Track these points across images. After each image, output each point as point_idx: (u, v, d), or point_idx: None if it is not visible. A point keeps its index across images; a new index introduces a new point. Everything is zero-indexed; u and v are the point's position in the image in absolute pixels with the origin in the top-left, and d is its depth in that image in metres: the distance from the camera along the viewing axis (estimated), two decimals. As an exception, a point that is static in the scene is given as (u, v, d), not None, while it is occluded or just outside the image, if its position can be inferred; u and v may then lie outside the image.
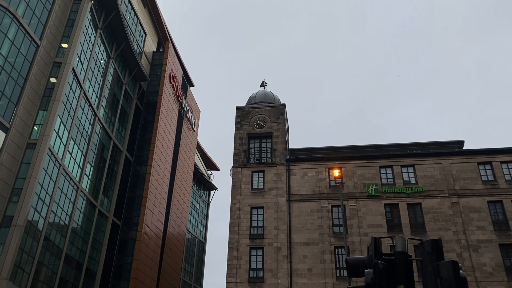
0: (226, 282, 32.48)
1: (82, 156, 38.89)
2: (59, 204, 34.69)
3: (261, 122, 39.14)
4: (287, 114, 40.90)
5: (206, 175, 75.72)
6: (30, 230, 30.45)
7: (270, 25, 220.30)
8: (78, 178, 37.83)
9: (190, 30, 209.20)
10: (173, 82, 54.63)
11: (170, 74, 53.89)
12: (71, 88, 36.36)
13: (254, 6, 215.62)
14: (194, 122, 64.09)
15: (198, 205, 71.73)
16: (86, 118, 39.65)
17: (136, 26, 50.44)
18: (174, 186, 54.02)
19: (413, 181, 34.83)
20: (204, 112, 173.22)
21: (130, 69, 49.05)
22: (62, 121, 34.85)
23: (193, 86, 66.55)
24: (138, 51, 50.30)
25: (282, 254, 32.98)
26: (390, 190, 34.41)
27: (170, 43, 55.90)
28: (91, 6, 39.66)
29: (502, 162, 34.63)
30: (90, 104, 40.17)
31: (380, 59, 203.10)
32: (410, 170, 35.33)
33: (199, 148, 73.05)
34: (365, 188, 34.80)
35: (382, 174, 35.43)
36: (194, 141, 64.74)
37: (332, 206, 34.46)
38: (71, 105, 36.52)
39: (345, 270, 31.60)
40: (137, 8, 50.63)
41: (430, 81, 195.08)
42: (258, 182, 36.34)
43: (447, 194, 33.77)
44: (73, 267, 36.84)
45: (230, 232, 34.35)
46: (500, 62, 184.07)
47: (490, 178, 34.18)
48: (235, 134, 38.85)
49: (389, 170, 35.59)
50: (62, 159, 34.88)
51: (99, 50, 42.53)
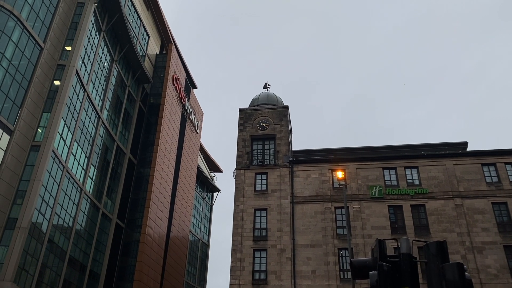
0: (230, 284, 32.45)
1: (86, 158, 38.98)
2: (63, 206, 34.77)
3: (264, 124, 39.14)
4: (290, 116, 40.90)
5: (209, 177, 75.74)
6: (34, 232, 30.53)
7: (274, 27, 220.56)
8: (81, 180, 37.91)
9: (193, 32, 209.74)
10: (176, 84, 54.73)
11: (173, 76, 54.00)
12: (75, 90, 36.48)
13: (257, 7, 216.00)
14: (197, 124, 64.16)
15: (201, 207, 71.74)
16: (90, 120, 39.77)
17: (139, 28, 50.59)
18: (177, 188, 54.07)
19: (416, 182, 34.74)
20: (207, 114, 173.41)
21: (133, 71, 49.19)
22: (66, 123, 34.96)
23: (196, 88, 66.65)
24: (141, 54, 50.44)
25: (286, 256, 32.92)
26: (393, 192, 34.32)
27: (173, 46, 56.04)
28: (95, 9, 39.81)
29: (506, 163, 34.49)
30: (94, 106, 40.28)
31: (383, 61, 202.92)
32: (414, 171, 35.24)
33: (202, 150, 73.11)
34: (368, 189, 34.72)
35: (385, 176, 35.36)
36: (197, 143, 64.80)
37: (335, 208, 34.39)
38: (75, 107, 36.64)
39: (348, 272, 31.52)
40: (140, 10, 50.79)
41: (433, 82, 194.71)
42: (261, 184, 36.32)
43: (451, 196, 33.64)
44: (76, 269, 36.90)
45: (234, 234, 34.33)
46: (503, 63, 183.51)
47: (494, 179, 34.04)
48: (238, 136, 38.87)
49: (392, 172, 35.51)
50: (66, 161, 34.97)
51: (103, 52, 42.67)
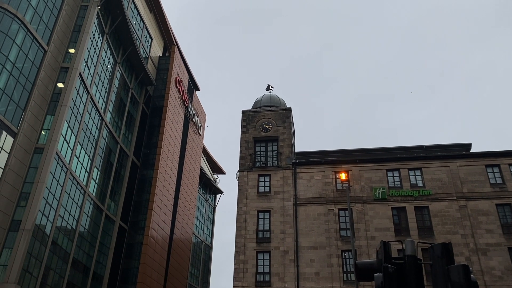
0: (233, 286, 32.40)
1: (89, 160, 39.08)
2: (67, 208, 34.86)
3: (267, 125, 39.13)
4: (293, 118, 40.87)
5: (212, 179, 75.79)
6: (38, 234, 30.61)
7: (276, 28, 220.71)
8: (85, 183, 38.00)
9: (195, 34, 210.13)
10: (179, 87, 54.83)
11: (176, 78, 54.11)
12: (78, 93, 36.61)
13: (259, 9, 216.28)
14: (200, 126, 64.25)
15: (204, 209, 71.77)
16: (93, 122, 39.88)
17: (142, 31, 50.75)
18: (180, 190, 54.12)
19: (420, 184, 34.62)
20: (210, 116, 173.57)
21: (136, 73, 49.32)
22: (69, 125, 35.07)
23: (198, 90, 66.79)
24: (144, 56, 50.58)
25: (289, 258, 32.86)
26: (397, 193, 34.21)
27: (176, 48, 56.19)
28: (98, 12, 39.96)
29: (510, 164, 34.30)
30: (97, 108, 40.40)
31: (387, 62, 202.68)
32: (417, 173, 35.11)
33: (205, 152, 73.19)
34: (372, 191, 34.63)
35: (389, 177, 35.25)
36: (200, 145, 64.87)
37: (339, 209, 34.31)
38: (78, 110, 36.76)
39: (352, 274, 31.42)
40: (143, 13, 50.95)
41: (437, 83, 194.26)
42: (264, 186, 36.28)
43: (455, 197, 33.50)
44: (80, 271, 36.96)
45: (237, 236, 34.30)
46: (508, 64, 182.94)
47: (499, 180, 33.87)
48: (241, 138, 38.86)
49: (396, 173, 35.40)
50: (69, 164, 35.07)
51: (106, 55, 42.81)
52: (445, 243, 6.87)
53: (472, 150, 39.05)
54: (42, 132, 33.12)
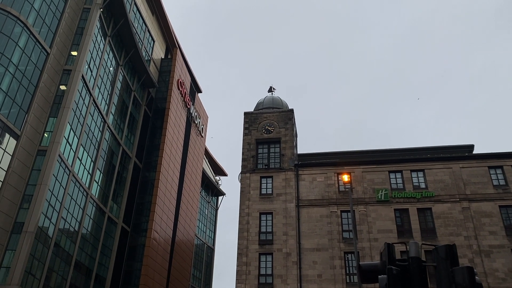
0: (236, 288, 32.36)
1: (92, 162, 39.13)
2: (69, 210, 34.90)
3: (269, 127, 39.12)
4: (295, 119, 40.87)
5: (214, 181, 75.78)
6: (41, 237, 30.64)
7: (278, 30, 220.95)
8: (87, 185, 38.04)
9: (198, 36, 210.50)
10: (181, 89, 54.90)
11: (178, 80, 54.19)
12: (81, 95, 36.68)
13: (261, 11, 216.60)
14: (202, 128, 64.29)
15: (207, 210, 71.75)
16: (96, 124, 39.95)
17: (144, 33, 50.86)
18: (182, 192, 54.12)
19: (423, 185, 34.54)
20: (212, 118, 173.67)
21: (138, 76, 49.41)
22: (72, 128, 35.13)
23: (201, 92, 66.85)
24: (146, 58, 50.67)
25: (292, 260, 32.81)
26: (400, 195, 34.15)
27: (178, 50, 56.26)
28: (100, 14, 40.06)
29: (513, 166, 34.21)
30: (100, 111, 40.47)
31: (388, 63, 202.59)
32: (420, 174, 35.05)
33: (207, 153, 73.22)
34: (374, 193, 34.57)
35: (391, 179, 35.19)
36: (202, 146, 64.90)
37: (341, 211, 34.25)
38: (81, 112, 36.83)
39: (355, 276, 31.35)
40: (145, 15, 51.07)
41: (438, 85, 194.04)
42: (266, 188, 36.25)
43: (458, 199, 33.42)
44: (82, 273, 36.97)
45: (239, 237, 34.27)
46: (510, 65, 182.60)
47: (502, 182, 33.77)
48: (243, 140, 38.86)
49: (398, 175, 35.33)
50: (72, 166, 35.12)
51: (108, 57, 42.91)
52: (449, 245, 6.85)
53: (474, 152, 38.96)
54: (45, 134, 33.19)
